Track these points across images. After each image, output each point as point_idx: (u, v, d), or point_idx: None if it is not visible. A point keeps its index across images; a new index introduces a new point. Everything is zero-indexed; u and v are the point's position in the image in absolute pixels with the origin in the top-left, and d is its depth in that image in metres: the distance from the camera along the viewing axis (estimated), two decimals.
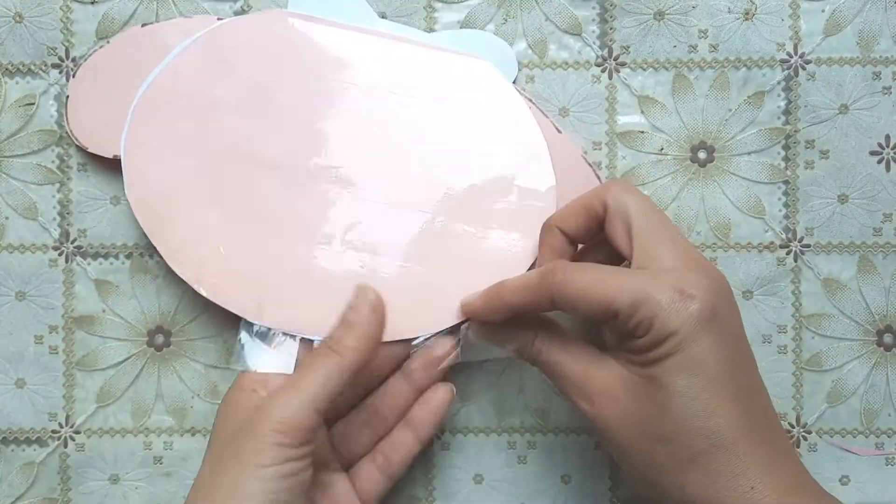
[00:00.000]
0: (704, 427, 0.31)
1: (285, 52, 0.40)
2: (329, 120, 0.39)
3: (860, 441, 0.41)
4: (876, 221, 0.41)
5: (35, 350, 0.42)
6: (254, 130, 0.39)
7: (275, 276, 0.39)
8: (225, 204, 0.39)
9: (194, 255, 0.39)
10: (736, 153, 0.41)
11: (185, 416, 0.42)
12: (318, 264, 0.39)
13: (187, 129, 0.39)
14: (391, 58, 0.40)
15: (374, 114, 0.40)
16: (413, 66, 0.40)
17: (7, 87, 0.41)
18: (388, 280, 0.39)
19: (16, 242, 0.42)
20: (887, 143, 0.41)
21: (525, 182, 0.39)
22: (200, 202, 0.39)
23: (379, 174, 0.39)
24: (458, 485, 0.42)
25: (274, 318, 0.39)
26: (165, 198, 0.39)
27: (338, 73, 0.40)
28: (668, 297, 0.32)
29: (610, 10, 0.41)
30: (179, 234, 0.39)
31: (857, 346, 0.41)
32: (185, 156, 0.39)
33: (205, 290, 0.39)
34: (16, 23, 0.41)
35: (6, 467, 0.42)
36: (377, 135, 0.40)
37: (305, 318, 0.38)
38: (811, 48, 0.41)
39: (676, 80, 0.41)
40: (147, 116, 0.39)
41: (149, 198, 0.39)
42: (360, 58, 0.40)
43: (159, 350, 0.42)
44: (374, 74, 0.40)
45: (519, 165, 0.39)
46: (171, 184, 0.39)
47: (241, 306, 0.39)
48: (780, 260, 0.41)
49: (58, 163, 0.41)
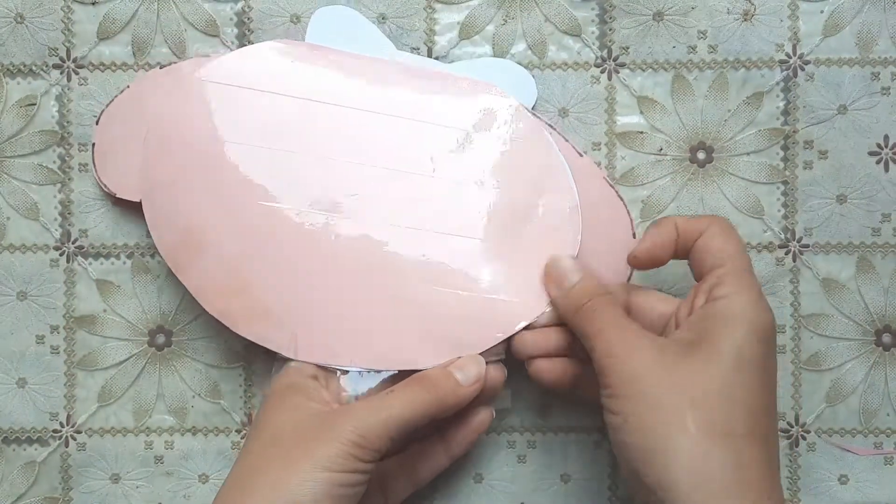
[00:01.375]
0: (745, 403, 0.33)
1: (301, 83, 0.39)
2: (348, 150, 0.39)
3: (859, 440, 0.42)
4: (874, 221, 0.41)
5: (36, 350, 0.42)
6: (270, 164, 0.39)
7: (304, 309, 0.39)
8: (247, 239, 0.39)
9: (225, 293, 0.39)
10: (735, 153, 0.41)
11: (186, 416, 0.42)
12: (347, 294, 0.39)
13: (203, 166, 0.39)
14: (410, 87, 0.40)
15: (393, 143, 0.39)
16: (432, 94, 0.40)
17: (8, 88, 0.41)
18: (412, 303, 0.39)
19: (17, 242, 0.42)
20: (886, 144, 0.41)
21: (548, 203, 0.39)
22: (223, 239, 0.39)
23: (399, 201, 0.39)
24: (458, 484, 0.42)
25: (308, 353, 0.38)
26: (188, 236, 0.39)
27: (356, 104, 0.39)
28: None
29: (609, 11, 0.41)
30: (205, 271, 0.39)
31: (855, 345, 0.41)
32: (203, 193, 0.39)
33: (236, 327, 0.39)
34: (17, 23, 0.41)
35: (7, 467, 0.42)
36: (397, 163, 0.39)
37: (342, 352, 0.38)
38: (810, 49, 0.41)
39: (676, 80, 0.41)
40: (162, 157, 0.39)
41: (172, 237, 0.39)
42: (378, 88, 0.40)
43: (160, 350, 0.42)
44: (393, 104, 0.39)
45: (542, 188, 0.39)
46: (192, 222, 0.39)
47: (274, 341, 0.39)
48: (779, 260, 0.41)
49: (59, 163, 0.42)
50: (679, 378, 0.33)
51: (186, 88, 0.39)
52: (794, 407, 0.41)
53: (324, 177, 0.39)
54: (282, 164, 0.39)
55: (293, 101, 0.39)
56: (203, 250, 0.39)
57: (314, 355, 0.38)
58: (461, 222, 0.39)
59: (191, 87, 0.39)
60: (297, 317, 0.39)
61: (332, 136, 0.39)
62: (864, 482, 0.41)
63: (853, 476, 0.42)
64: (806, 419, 0.42)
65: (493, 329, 0.38)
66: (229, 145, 0.39)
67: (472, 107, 0.40)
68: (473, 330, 0.38)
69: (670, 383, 0.32)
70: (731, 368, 0.33)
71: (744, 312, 0.34)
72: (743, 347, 0.33)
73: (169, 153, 0.39)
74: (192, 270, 0.39)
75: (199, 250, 0.39)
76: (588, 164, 0.40)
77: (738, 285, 0.34)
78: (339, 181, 0.39)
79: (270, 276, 0.39)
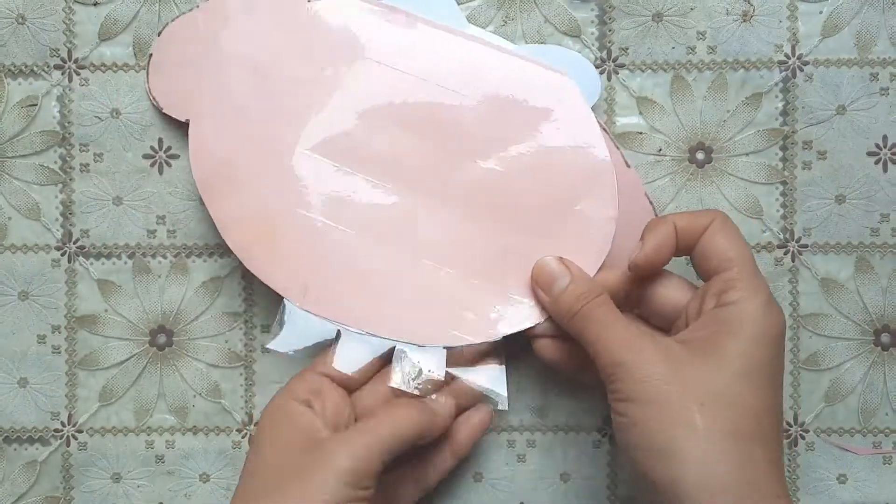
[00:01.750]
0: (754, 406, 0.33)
1: (360, 38, 0.39)
2: (393, 113, 0.39)
3: (858, 440, 0.42)
4: (873, 222, 0.41)
5: (38, 350, 0.42)
6: (319, 115, 0.39)
7: (322, 263, 0.39)
8: (282, 184, 0.39)
9: (250, 231, 0.39)
10: (734, 154, 0.41)
11: (187, 416, 0.42)
12: (365, 258, 0.39)
13: (254, 102, 0.39)
14: (474, 61, 0.39)
15: (451, 117, 0.39)
16: (495, 72, 0.39)
17: (9, 89, 0.42)
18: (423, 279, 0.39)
19: (18, 243, 0.42)
20: (885, 144, 0.41)
21: (586, 208, 0.38)
22: (259, 179, 0.39)
23: (438, 177, 0.39)
24: (458, 483, 0.42)
25: (316, 304, 0.38)
26: (225, 168, 0.39)
27: (414, 69, 0.39)
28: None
29: (609, 12, 0.41)
30: (235, 207, 0.39)
31: (854, 345, 0.42)
32: (249, 129, 0.39)
33: (251, 264, 0.39)
34: (18, 24, 0.42)
35: (9, 466, 0.42)
36: (447, 139, 0.39)
37: (348, 310, 0.38)
38: (809, 49, 0.41)
39: (675, 81, 0.41)
40: (217, 83, 0.39)
41: (210, 167, 0.39)
42: (442, 58, 0.39)
43: (161, 349, 0.42)
44: (454, 77, 0.39)
45: (584, 191, 0.38)
46: (233, 155, 0.39)
47: (284, 287, 0.39)
48: (778, 260, 0.42)
49: (60, 163, 0.42)
50: (687, 380, 0.33)
51: (256, 19, 0.39)
52: (792, 406, 0.42)
53: (370, 138, 0.39)
54: (332, 117, 0.39)
55: (351, 54, 0.39)
56: (236, 185, 0.39)
57: (320, 307, 0.38)
58: (493, 208, 0.39)
59: (261, 18, 0.39)
60: (312, 269, 0.39)
61: (391, 100, 0.39)
62: (862, 482, 0.42)
63: (852, 475, 0.42)
64: (805, 419, 0.42)
65: (490, 325, 0.38)
66: (284, 85, 0.39)
67: (534, 89, 0.39)
68: (471, 321, 0.38)
69: (678, 385, 0.33)
70: (740, 373, 0.33)
71: (754, 319, 0.34)
72: (752, 353, 0.33)
73: (224, 81, 0.39)
74: (221, 202, 0.39)
75: (231, 184, 0.39)
76: (633, 177, 0.40)
77: (747, 290, 0.34)
78: (386, 145, 0.39)
79: (294, 226, 0.39)
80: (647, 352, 0.33)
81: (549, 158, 0.39)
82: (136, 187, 0.42)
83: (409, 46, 0.39)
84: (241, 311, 0.42)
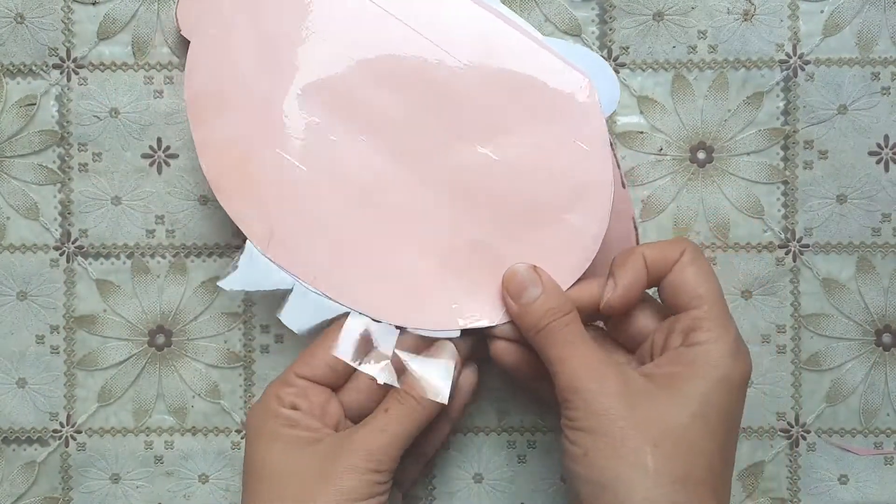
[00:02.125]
0: (704, 451, 0.32)
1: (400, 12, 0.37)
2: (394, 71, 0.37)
3: (859, 440, 0.42)
4: (875, 221, 0.41)
5: (36, 350, 0.42)
6: (313, 53, 0.38)
7: (292, 213, 0.38)
8: (266, 126, 0.38)
9: (226, 158, 0.38)
10: (735, 153, 0.41)
11: (186, 416, 0.42)
12: (336, 217, 0.38)
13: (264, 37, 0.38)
14: (490, 36, 0.37)
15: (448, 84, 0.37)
16: (514, 53, 0.37)
17: (8, 88, 0.41)
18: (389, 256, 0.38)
19: (17, 242, 0.42)
20: (886, 144, 0.41)
21: (575, 220, 0.37)
22: (246, 113, 0.38)
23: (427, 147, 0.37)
24: (458, 484, 0.42)
25: (277, 253, 0.38)
26: (218, 90, 0.38)
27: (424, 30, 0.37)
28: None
29: (609, 11, 0.41)
30: (220, 134, 0.38)
31: (855, 345, 0.41)
32: (252, 60, 0.38)
33: (221, 196, 0.38)
34: (17, 23, 0.41)
35: (7, 467, 0.42)
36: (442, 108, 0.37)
37: (309, 266, 0.38)
38: (810, 49, 0.41)
39: (676, 80, 0.41)
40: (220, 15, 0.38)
41: (203, 83, 0.38)
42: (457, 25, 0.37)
43: (160, 350, 0.42)
44: (466, 47, 0.37)
45: (576, 201, 0.37)
46: (230, 80, 0.38)
47: (250, 227, 0.38)
48: (779, 260, 0.41)
49: (59, 163, 0.42)
50: (643, 416, 0.32)
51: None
52: (794, 407, 0.41)
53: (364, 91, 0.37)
54: (330, 60, 0.38)
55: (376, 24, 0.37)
56: (224, 113, 0.38)
57: (280, 257, 0.38)
58: (476, 196, 0.37)
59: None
60: (281, 216, 0.38)
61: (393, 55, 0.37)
62: (864, 482, 0.41)
63: (853, 476, 0.41)
64: (806, 419, 0.41)
65: (448, 317, 0.37)
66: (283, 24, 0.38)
67: (555, 90, 0.37)
68: (430, 308, 0.37)
69: (635, 422, 0.32)
70: (698, 415, 0.32)
71: (718, 364, 0.33)
72: (714, 397, 0.33)
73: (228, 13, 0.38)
74: (205, 126, 0.38)
75: (220, 111, 0.38)
76: (625, 197, 0.39)
77: (715, 331, 0.34)
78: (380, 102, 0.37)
79: (271, 165, 0.38)
80: (609, 383, 0.33)
81: (549, 159, 0.37)
82: (135, 187, 0.42)
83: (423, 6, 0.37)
84: (240, 311, 0.42)
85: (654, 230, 0.41)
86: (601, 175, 0.37)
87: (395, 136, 0.38)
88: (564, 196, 0.37)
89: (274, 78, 0.38)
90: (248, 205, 0.38)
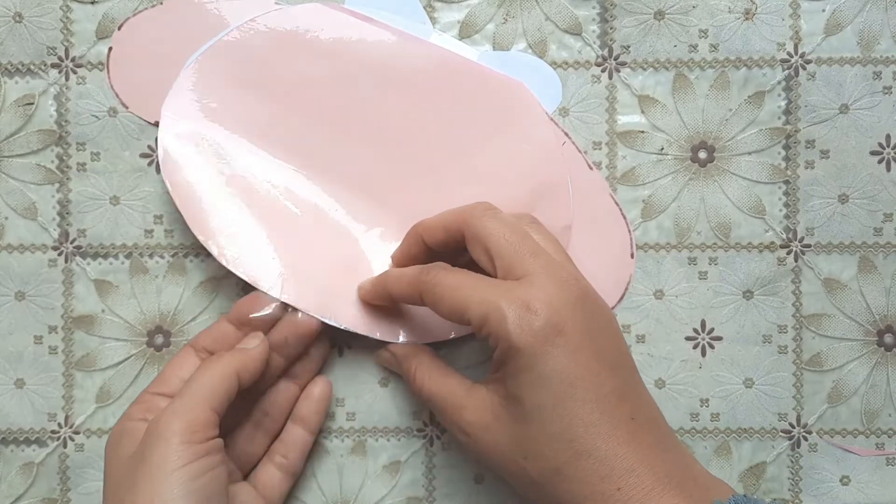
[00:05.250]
0: (563, 437, 0.32)
1: (334, 47, 0.40)
2: (359, 120, 0.40)
3: (861, 441, 0.41)
4: (876, 221, 0.41)
5: (34, 350, 0.42)
6: (287, 120, 0.40)
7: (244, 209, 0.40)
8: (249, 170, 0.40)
9: None
10: (736, 153, 0.41)
11: None
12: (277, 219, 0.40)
13: (227, 105, 0.40)
14: (434, 69, 0.40)
15: (407, 122, 0.40)
16: (453, 80, 0.40)
17: (6, 87, 0.41)
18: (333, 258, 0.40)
19: (15, 242, 0.42)
20: (888, 143, 0.41)
21: (541, 218, 0.38)
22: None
23: (400, 182, 0.40)
24: (458, 485, 0.42)
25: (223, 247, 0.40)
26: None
27: (378, 76, 0.40)
28: (515, 313, 0.32)
29: (610, 10, 0.41)
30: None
31: (857, 346, 0.41)
32: (219, 129, 0.40)
33: None
34: (15, 22, 0.41)
35: (5, 468, 0.42)
36: (405, 142, 0.40)
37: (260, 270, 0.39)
38: (811, 48, 0.41)
39: (677, 79, 0.41)
40: (190, 86, 0.40)
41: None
42: (404, 65, 0.40)
43: (159, 350, 0.42)
44: (420, 90, 0.40)
45: (538, 200, 0.39)
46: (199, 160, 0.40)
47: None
48: (781, 260, 0.41)
49: (57, 163, 0.41)
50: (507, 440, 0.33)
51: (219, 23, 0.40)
52: (795, 407, 0.41)
53: (333, 140, 0.40)
54: (297, 120, 0.40)
55: (326, 64, 0.40)
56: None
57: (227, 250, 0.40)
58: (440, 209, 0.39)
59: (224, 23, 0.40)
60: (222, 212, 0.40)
61: (350, 104, 0.40)
62: (865, 483, 0.41)
63: (855, 477, 0.41)
64: (808, 420, 0.41)
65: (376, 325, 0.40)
66: (255, 91, 0.40)
67: (492, 99, 0.40)
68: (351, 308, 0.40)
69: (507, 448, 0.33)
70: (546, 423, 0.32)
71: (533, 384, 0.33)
72: (545, 401, 0.32)
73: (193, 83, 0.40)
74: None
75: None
76: (598, 178, 0.41)
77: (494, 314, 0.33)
78: (348, 146, 0.40)
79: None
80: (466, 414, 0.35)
81: (506, 167, 0.39)
82: (134, 187, 0.41)
83: (387, 57, 0.40)
84: None
85: (656, 230, 0.41)
86: (557, 171, 0.40)
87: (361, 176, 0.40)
88: (526, 199, 0.39)
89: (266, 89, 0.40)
90: None
